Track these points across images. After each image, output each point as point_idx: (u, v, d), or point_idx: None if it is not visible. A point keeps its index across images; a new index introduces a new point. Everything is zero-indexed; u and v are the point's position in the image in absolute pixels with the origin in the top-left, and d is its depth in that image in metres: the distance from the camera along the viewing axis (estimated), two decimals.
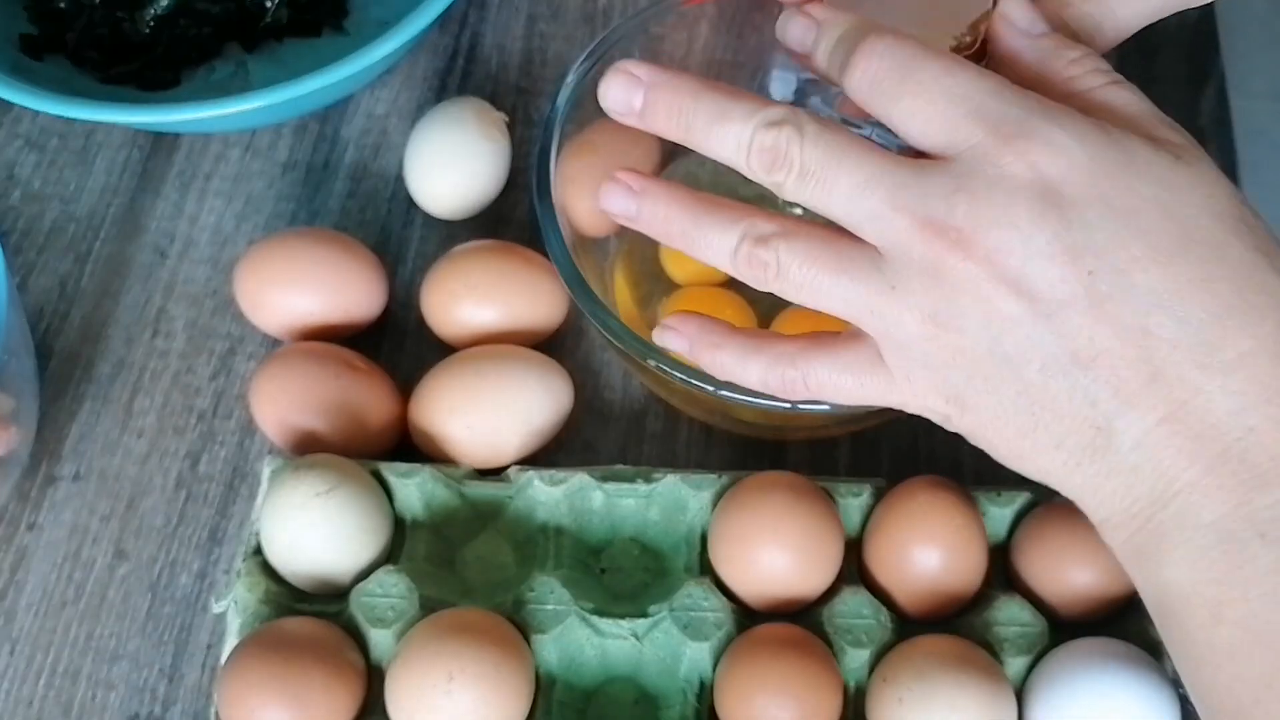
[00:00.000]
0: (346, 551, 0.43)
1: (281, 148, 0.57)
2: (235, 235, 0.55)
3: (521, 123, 0.57)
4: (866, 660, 0.42)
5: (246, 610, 0.43)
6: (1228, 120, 0.58)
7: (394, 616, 0.42)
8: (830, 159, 0.34)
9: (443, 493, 0.45)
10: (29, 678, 0.45)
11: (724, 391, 0.41)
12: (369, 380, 0.47)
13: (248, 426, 0.50)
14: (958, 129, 0.33)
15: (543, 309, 0.49)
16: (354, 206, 0.55)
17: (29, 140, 0.57)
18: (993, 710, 0.40)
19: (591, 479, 0.45)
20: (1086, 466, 0.34)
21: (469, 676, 0.39)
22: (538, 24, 0.61)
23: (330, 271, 0.49)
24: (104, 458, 0.49)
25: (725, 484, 0.44)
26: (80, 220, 0.55)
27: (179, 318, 0.53)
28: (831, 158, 0.34)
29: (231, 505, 0.48)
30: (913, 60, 0.34)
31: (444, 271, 0.50)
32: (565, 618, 0.42)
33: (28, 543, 0.47)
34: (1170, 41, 0.60)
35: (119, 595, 0.46)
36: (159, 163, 0.57)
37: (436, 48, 0.60)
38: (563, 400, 0.48)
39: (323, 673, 0.40)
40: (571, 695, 0.43)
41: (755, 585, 0.43)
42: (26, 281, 0.53)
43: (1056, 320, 0.32)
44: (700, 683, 0.42)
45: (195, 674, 0.45)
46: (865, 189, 0.34)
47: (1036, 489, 0.45)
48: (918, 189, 0.33)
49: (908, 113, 0.34)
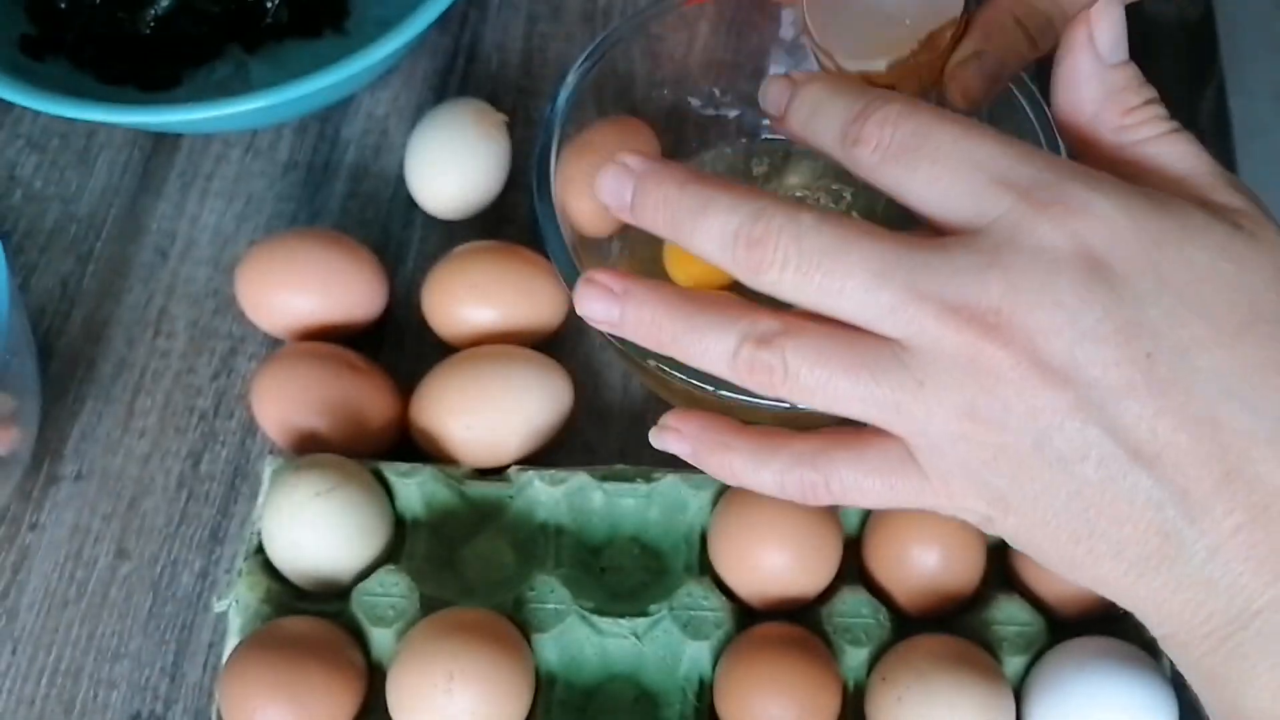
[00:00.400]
0: (347, 551, 0.43)
1: (282, 148, 0.57)
2: (236, 236, 0.55)
3: (521, 123, 0.57)
4: (865, 659, 0.42)
5: (248, 609, 0.43)
6: (1227, 120, 0.58)
7: (394, 616, 0.42)
8: (834, 250, 0.30)
9: (443, 492, 0.45)
10: (31, 676, 0.45)
11: (724, 392, 0.41)
12: (370, 380, 0.48)
13: (249, 426, 0.50)
14: (984, 197, 0.30)
15: (543, 309, 0.49)
16: (354, 207, 0.56)
17: (30, 141, 0.57)
18: (991, 709, 0.40)
19: (591, 479, 0.45)
20: (1151, 578, 0.30)
21: (469, 676, 0.39)
22: (538, 24, 0.61)
23: (331, 272, 0.49)
24: (106, 457, 0.49)
25: (725, 484, 0.44)
26: (82, 220, 0.55)
27: (180, 318, 0.53)
28: (836, 249, 0.30)
29: (233, 505, 0.48)
30: (926, 125, 0.31)
31: (444, 272, 0.50)
32: (565, 617, 0.42)
33: (30, 542, 0.48)
34: (1170, 41, 0.60)
35: (121, 594, 0.47)
36: (160, 163, 0.57)
37: (436, 48, 0.60)
38: (563, 400, 0.48)
39: (323, 672, 0.40)
40: (571, 694, 0.43)
41: (755, 584, 0.43)
42: (28, 282, 0.53)
43: (1112, 411, 0.29)
44: (700, 682, 0.42)
45: (197, 673, 0.45)
46: (880, 280, 0.30)
47: None
48: (943, 269, 0.30)
49: (925, 181, 0.30)
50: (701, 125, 0.53)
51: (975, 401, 0.30)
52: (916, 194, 0.31)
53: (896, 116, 0.31)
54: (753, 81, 0.53)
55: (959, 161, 0.30)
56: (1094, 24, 0.33)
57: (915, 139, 0.31)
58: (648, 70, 0.50)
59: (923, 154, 0.30)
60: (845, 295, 0.30)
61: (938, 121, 0.31)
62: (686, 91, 0.52)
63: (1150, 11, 0.61)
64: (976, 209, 0.30)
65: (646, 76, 0.51)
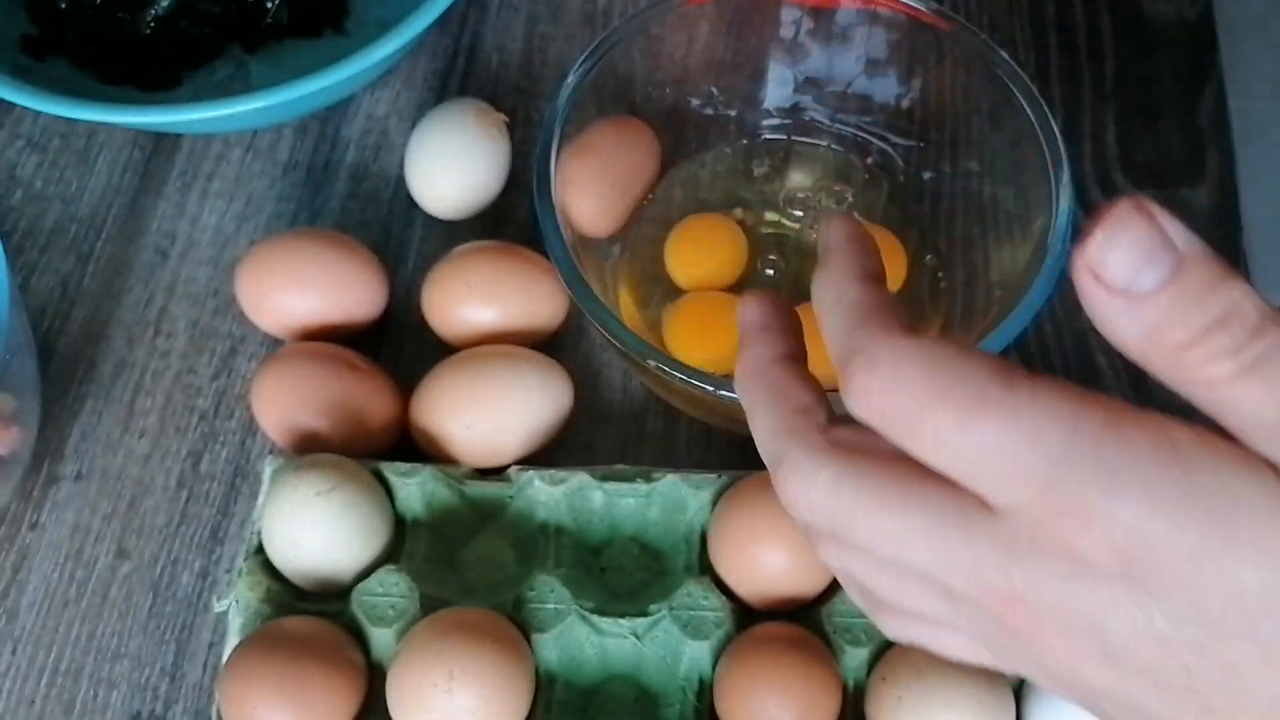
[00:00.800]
0: (347, 551, 0.43)
1: (282, 148, 0.57)
2: (236, 236, 0.55)
3: (521, 123, 0.57)
4: (865, 659, 0.42)
5: (248, 609, 0.43)
6: (1227, 120, 0.58)
7: (394, 616, 0.42)
8: (854, 511, 0.28)
9: (443, 492, 0.45)
10: (31, 676, 0.45)
11: (724, 392, 0.41)
12: (370, 380, 0.48)
13: (249, 426, 0.50)
14: (995, 488, 0.26)
15: (543, 309, 0.49)
16: (355, 207, 0.56)
17: (30, 141, 0.57)
18: (991, 708, 0.40)
19: (591, 479, 0.45)
20: None
21: (469, 675, 0.39)
22: (538, 25, 0.61)
23: (331, 272, 0.49)
24: (106, 457, 0.49)
25: (725, 484, 0.45)
26: (82, 221, 0.55)
27: (180, 318, 0.53)
28: (855, 510, 0.28)
29: (233, 505, 0.48)
30: (921, 402, 0.26)
31: (444, 272, 0.50)
32: (565, 617, 0.42)
33: (30, 542, 0.48)
34: (1169, 41, 0.60)
35: (121, 594, 0.47)
36: (160, 163, 0.57)
37: (437, 48, 0.60)
38: (563, 400, 0.48)
39: (324, 672, 0.40)
40: (571, 694, 0.43)
41: (755, 584, 0.43)
42: (29, 282, 0.53)
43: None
44: (700, 681, 0.42)
45: (197, 673, 0.45)
46: (929, 569, 0.27)
47: None
48: (963, 560, 0.27)
49: (929, 452, 0.27)
50: (701, 125, 0.53)
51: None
52: (924, 457, 0.27)
53: (881, 386, 0.27)
54: (753, 81, 0.53)
55: (964, 453, 0.26)
56: (1093, 256, 0.24)
57: (909, 419, 0.26)
58: (648, 70, 0.50)
59: (923, 437, 0.26)
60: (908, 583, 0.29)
61: (932, 398, 0.26)
62: (686, 91, 0.52)
63: (1150, 11, 0.61)
64: (992, 494, 0.26)
65: (646, 76, 0.51)
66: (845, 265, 0.31)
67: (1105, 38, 0.60)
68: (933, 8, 0.49)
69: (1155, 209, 0.24)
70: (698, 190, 0.53)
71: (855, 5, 0.50)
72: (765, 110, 0.54)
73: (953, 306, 0.50)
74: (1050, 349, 0.52)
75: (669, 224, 0.52)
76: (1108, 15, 0.61)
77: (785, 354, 0.32)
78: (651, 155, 0.52)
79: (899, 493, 0.27)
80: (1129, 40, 0.60)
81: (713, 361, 0.47)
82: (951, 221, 0.52)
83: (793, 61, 0.53)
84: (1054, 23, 0.60)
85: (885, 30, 0.51)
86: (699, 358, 0.47)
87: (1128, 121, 0.58)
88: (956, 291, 0.50)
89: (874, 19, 0.51)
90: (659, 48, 0.50)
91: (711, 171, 0.54)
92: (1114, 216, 0.24)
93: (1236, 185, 0.56)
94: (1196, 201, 0.56)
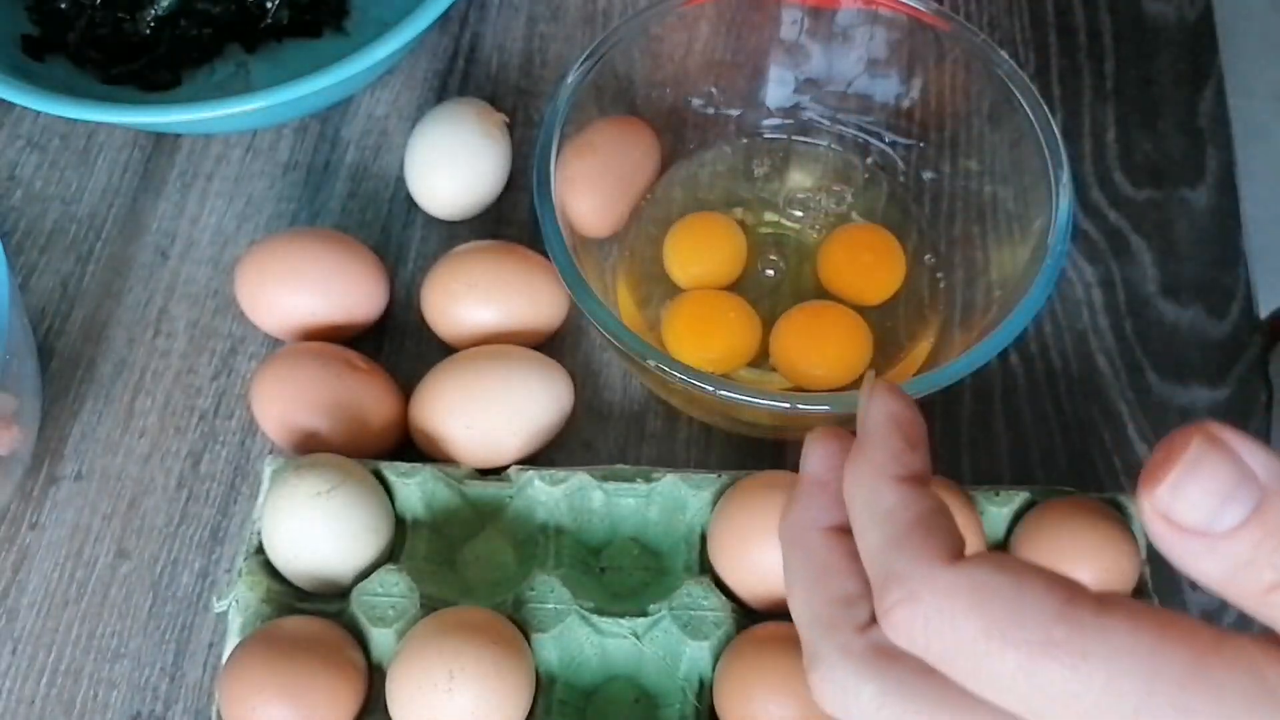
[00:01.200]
0: (347, 551, 0.43)
1: (282, 148, 0.57)
2: (236, 236, 0.55)
3: (521, 123, 0.57)
4: None
5: (248, 609, 0.43)
6: (1227, 120, 0.58)
7: (395, 615, 0.42)
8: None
9: (443, 492, 0.45)
10: (31, 676, 0.45)
11: (724, 392, 0.41)
12: (370, 380, 0.48)
13: (249, 426, 0.50)
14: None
15: (543, 309, 0.49)
16: (355, 207, 0.56)
17: (30, 141, 0.58)
18: None
19: (591, 479, 0.45)
20: None
21: (469, 675, 0.39)
22: (538, 24, 0.61)
23: (331, 272, 0.49)
24: (106, 457, 0.49)
25: (725, 484, 0.45)
26: (82, 221, 0.55)
27: (180, 318, 0.53)
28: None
29: (233, 504, 0.48)
30: (976, 644, 0.24)
31: (444, 272, 0.50)
32: (565, 617, 0.42)
33: (30, 542, 0.48)
34: (1169, 41, 0.60)
35: (121, 594, 0.47)
36: (160, 163, 0.57)
37: (437, 48, 0.60)
38: (563, 400, 0.48)
39: (324, 672, 0.40)
40: (571, 694, 0.43)
41: (755, 585, 0.43)
42: (28, 282, 0.53)
43: None
44: (700, 682, 0.42)
45: (197, 673, 0.45)
46: None
47: (1034, 488, 0.45)
48: None
49: (987, 693, 0.24)
50: (701, 125, 0.53)
51: None
52: (978, 695, 0.25)
53: (928, 623, 0.24)
54: (753, 81, 0.53)
55: (1027, 697, 0.23)
56: (1163, 502, 0.22)
57: (961, 660, 0.24)
58: (648, 70, 0.50)
59: (979, 680, 0.24)
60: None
61: (987, 642, 0.23)
62: (686, 91, 0.52)
63: (1150, 11, 0.61)
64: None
65: (646, 76, 0.51)
66: (883, 461, 0.28)
67: (1105, 38, 0.60)
68: (933, 8, 0.49)
69: (1234, 438, 0.22)
70: (697, 190, 0.53)
71: (855, 5, 0.50)
72: (765, 110, 0.54)
73: (953, 306, 0.50)
74: (1050, 349, 0.52)
75: (668, 223, 0.52)
76: (1108, 15, 0.61)
77: (835, 525, 0.30)
78: (651, 155, 0.52)
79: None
80: (1129, 40, 0.60)
81: (712, 361, 0.47)
82: (951, 221, 0.52)
83: (793, 61, 0.53)
84: (1054, 23, 0.61)
85: (885, 30, 0.51)
86: (699, 357, 0.47)
87: (1128, 121, 0.58)
88: (956, 291, 0.50)
89: (874, 19, 0.51)
90: (659, 48, 0.50)
91: (711, 171, 0.54)
92: (1187, 456, 0.22)
93: (1236, 185, 0.56)
94: (1196, 201, 0.56)
